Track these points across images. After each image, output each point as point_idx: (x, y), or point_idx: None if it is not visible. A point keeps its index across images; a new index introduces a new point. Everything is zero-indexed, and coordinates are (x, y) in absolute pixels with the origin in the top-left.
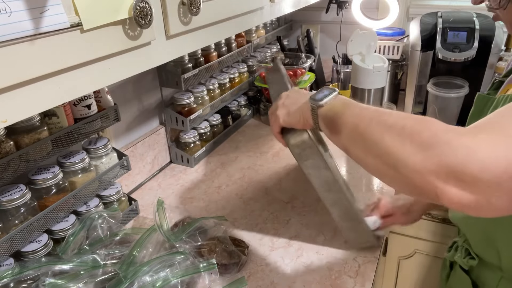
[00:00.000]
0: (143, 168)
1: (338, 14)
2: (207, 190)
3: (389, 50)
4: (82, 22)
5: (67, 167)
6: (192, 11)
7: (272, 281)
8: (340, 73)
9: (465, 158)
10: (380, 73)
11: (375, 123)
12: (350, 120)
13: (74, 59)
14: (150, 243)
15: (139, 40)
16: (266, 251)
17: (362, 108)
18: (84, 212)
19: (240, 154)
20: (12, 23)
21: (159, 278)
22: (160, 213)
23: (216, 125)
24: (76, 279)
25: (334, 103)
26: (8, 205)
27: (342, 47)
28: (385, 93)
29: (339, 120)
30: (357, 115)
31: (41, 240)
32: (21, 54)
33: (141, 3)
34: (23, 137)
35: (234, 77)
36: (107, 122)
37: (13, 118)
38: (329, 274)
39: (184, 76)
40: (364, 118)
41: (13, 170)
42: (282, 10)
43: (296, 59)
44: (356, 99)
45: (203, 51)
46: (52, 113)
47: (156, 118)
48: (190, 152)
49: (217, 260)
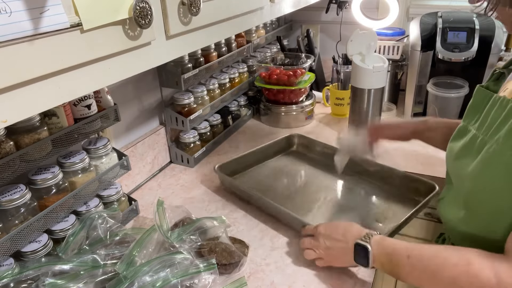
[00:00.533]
0: (143, 168)
1: (338, 14)
2: (207, 190)
3: (389, 50)
4: (82, 22)
5: (67, 167)
6: (192, 11)
7: (272, 281)
8: (340, 73)
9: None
10: (380, 73)
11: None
12: (410, 280)
13: (74, 59)
14: (150, 243)
15: (139, 40)
16: (266, 251)
17: (412, 265)
18: (84, 212)
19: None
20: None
21: (159, 278)
22: (160, 213)
23: (216, 125)
24: (76, 279)
25: (381, 260)
26: (8, 205)
27: (342, 47)
28: (385, 93)
29: (396, 276)
30: (414, 277)
31: (41, 240)
32: (21, 54)
33: (141, 3)
34: (23, 137)
35: (234, 77)
36: (107, 122)
37: (13, 118)
38: (329, 274)
39: (184, 76)
40: (422, 280)
41: (13, 170)
42: (282, 10)
43: (296, 59)
44: (356, 99)
45: (203, 51)
46: (52, 113)
47: (156, 118)
48: (190, 152)
49: (217, 260)
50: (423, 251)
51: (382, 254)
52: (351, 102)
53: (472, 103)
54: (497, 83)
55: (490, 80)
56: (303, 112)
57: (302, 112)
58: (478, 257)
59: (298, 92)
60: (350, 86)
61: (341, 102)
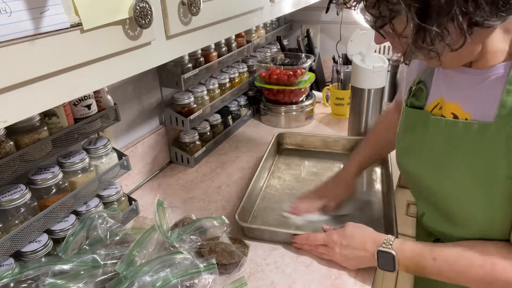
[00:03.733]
0: (143, 168)
1: (338, 14)
2: (207, 190)
3: (389, 50)
4: (82, 22)
5: (67, 167)
6: (192, 11)
7: (272, 281)
8: (340, 73)
9: None
10: (380, 73)
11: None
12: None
13: (74, 59)
14: (150, 243)
15: (139, 40)
16: (266, 251)
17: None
18: (84, 212)
19: (240, 154)
20: (12, 23)
21: (159, 278)
22: (160, 213)
23: (216, 125)
24: (76, 279)
25: (405, 263)
26: (8, 205)
27: (342, 47)
28: (385, 93)
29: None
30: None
31: (41, 240)
32: (21, 54)
33: (141, 3)
34: (23, 137)
35: (234, 77)
36: (107, 122)
37: (13, 118)
38: (329, 274)
39: (184, 76)
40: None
41: (13, 170)
42: (282, 10)
43: (296, 59)
44: (356, 99)
45: (203, 51)
46: (52, 113)
47: (156, 118)
48: (190, 152)
49: (217, 260)
50: (447, 252)
51: (406, 258)
52: (351, 102)
53: (406, 126)
54: (418, 100)
55: (409, 98)
56: (303, 112)
57: (302, 112)
58: (500, 257)
59: (298, 92)
60: (350, 86)
61: (341, 102)
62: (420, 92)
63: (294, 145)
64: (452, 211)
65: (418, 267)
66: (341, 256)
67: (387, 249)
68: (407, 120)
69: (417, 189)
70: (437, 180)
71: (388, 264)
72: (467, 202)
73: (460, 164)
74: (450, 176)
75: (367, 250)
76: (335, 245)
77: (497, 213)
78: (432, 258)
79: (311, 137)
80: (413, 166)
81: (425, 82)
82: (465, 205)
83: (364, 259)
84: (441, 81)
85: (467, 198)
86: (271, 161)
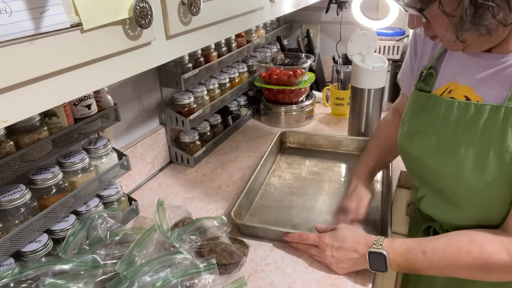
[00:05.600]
0: (143, 168)
1: (338, 14)
2: (207, 190)
3: (389, 50)
4: (82, 22)
5: (67, 167)
6: (192, 11)
7: (272, 281)
8: (340, 73)
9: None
10: (380, 73)
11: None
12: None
13: (74, 59)
14: (150, 243)
15: (139, 40)
16: (266, 251)
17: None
18: (84, 212)
19: (240, 154)
20: (12, 23)
21: (159, 278)
22: (160, 213)
23: (216, 125)
24: (76, 279)
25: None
26: (8, 205)
27: (342, 47)
28: (385, 93)
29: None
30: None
31: (41, 240)
32: (21, 54)
33: (141, 3)
34: (23, 137)
35: (234, 77)
36: (107, 122)
37: (13, 118)
38: (329, 274)
39: (184, 76)
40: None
41: (13, 170)
42: (282, 10)
43: (296, 59)
44: (356, 99)
45: (203, 51)
46: (52, 113)
47: (156, 118)
48: (190, 152)
49: (217, 260)
50: (435, 244)
51: (397, 256)
52: (351, 102)
53: (413, 107)
54: (428, 84)
55: (419, 82)
56: (303, 112)
57: (302, 112)
58: (487, 239)
59: (298, 92)
60: (350, 86)
61: (341, 102)
62: (430, 78)
63: (297, 144)
64: (454, 192)
65: (409, 263)
66: (332, 258)
67: (377, 249)
68: (415, 102)
69: (418, 173)
70: (442, 162)
71: (380, 265)
72: (470, 184)
73: (468, 146)
74: (456, 158)
75: (358, 252)
76: (326, 247)
77: (498, 194)
78: (422, 252)
79: (314, 136)
80: (418, 149)
81: (435, 68)
82: (468, 186)
83: (355, 261)
84: (453, 66)
85: (470, 179)
86: (273, 160)
